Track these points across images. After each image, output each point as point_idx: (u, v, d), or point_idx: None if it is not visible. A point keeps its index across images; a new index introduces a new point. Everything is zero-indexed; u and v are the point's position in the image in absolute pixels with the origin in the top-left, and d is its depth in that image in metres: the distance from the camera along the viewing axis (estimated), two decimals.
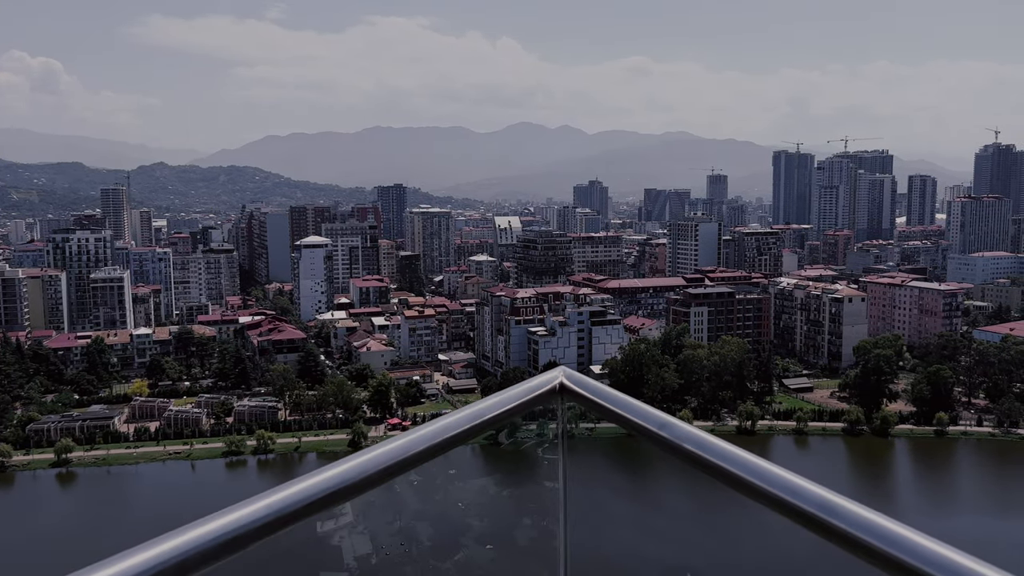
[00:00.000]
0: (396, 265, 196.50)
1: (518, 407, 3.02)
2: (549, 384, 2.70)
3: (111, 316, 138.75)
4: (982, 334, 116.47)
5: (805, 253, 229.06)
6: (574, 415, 2.74)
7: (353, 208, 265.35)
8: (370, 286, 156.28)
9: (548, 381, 2.69)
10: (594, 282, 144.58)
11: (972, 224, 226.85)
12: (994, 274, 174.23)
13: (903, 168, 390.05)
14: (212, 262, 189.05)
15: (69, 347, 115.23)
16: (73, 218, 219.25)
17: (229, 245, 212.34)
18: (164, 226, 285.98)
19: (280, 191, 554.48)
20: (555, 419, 2.70)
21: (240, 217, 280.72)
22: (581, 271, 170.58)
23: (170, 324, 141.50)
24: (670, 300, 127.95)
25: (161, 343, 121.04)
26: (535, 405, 2.95)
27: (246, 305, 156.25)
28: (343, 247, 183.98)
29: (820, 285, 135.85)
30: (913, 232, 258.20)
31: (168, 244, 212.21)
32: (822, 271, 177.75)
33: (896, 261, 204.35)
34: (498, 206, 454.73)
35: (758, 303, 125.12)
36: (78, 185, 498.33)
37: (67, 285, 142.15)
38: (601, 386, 2.89)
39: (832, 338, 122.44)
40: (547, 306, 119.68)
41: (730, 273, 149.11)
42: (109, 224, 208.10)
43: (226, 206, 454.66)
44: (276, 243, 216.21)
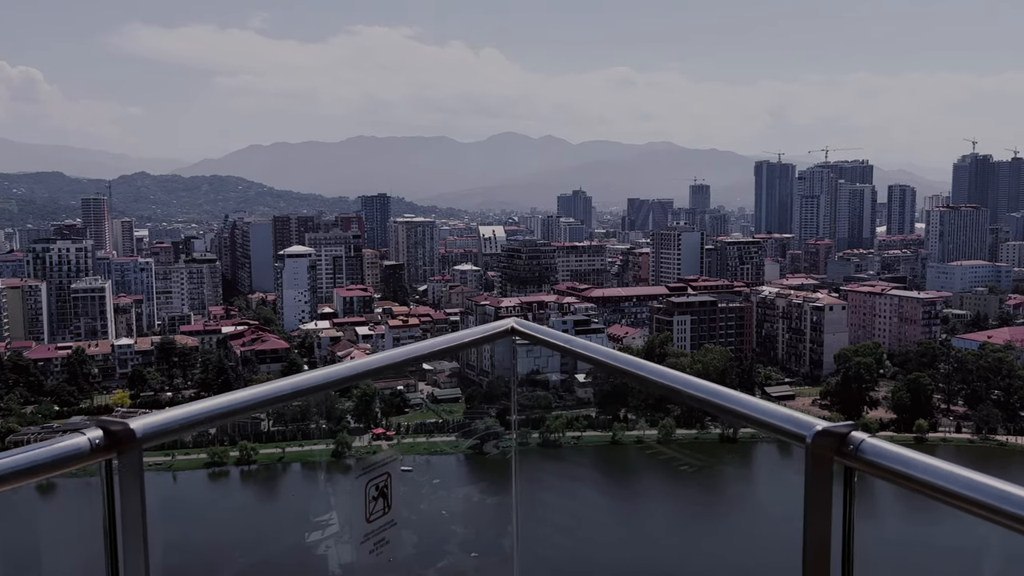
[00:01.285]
0: (380, 275, 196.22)
1: (475, 341, 3.94)
2: (503, 326, 3.55)
3: (92, 326, 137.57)
4: (961, 342, 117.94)
5: (787, 262, 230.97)
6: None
7: (337, 218, 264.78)
8: (354, 296, 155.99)
9: (502, 324, 3.53)
10: (578, 291, 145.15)
11: (950, 233, 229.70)
12: (972, 282, 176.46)
13: (883, 178, 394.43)
14: (194, 272, 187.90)
15: (49, 358, 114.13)
16: (53, 228, 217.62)
17: (212, 255, 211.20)
18: (146, 236, 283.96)
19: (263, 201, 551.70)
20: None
21: (223, 227, 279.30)
22: (565, 280, 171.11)
23: (152, 334, 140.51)
24: (653, 309, 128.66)
25: (143, 353, 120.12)
26: (490, 341, 3.85)
27: (229, 315, 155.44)
28: (327, 257, 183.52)
29: (801, 294, 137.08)
30: (893, 241, 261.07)
31: (150, 254, 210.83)
32: (804, 280, 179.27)
33: (876, 270, 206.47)
34: (482, 216, 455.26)
35: (740, 312, 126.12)
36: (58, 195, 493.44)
37: (47, 295, 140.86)
38: (548, 328, 3.75)
39: (813, 346, 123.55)
40: (531, 315, 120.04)
41: (713, 282, 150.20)
42: (90, 234, 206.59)
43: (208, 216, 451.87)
44: (259, 253, 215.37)
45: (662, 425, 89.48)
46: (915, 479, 2.13)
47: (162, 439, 2.49)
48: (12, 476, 2.15)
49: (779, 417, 2.61)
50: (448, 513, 56.67)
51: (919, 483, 2.12)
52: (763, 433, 2.51)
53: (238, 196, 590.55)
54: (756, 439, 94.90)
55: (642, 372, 3.08)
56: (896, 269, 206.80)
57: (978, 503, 1.98)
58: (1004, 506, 1.92)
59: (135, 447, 2.39)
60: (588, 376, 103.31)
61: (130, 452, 2.39)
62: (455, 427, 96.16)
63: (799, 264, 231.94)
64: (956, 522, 2.59)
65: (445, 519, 53.70)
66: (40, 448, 2.28)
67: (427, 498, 60.80)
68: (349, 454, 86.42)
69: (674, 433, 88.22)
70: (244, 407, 2.77)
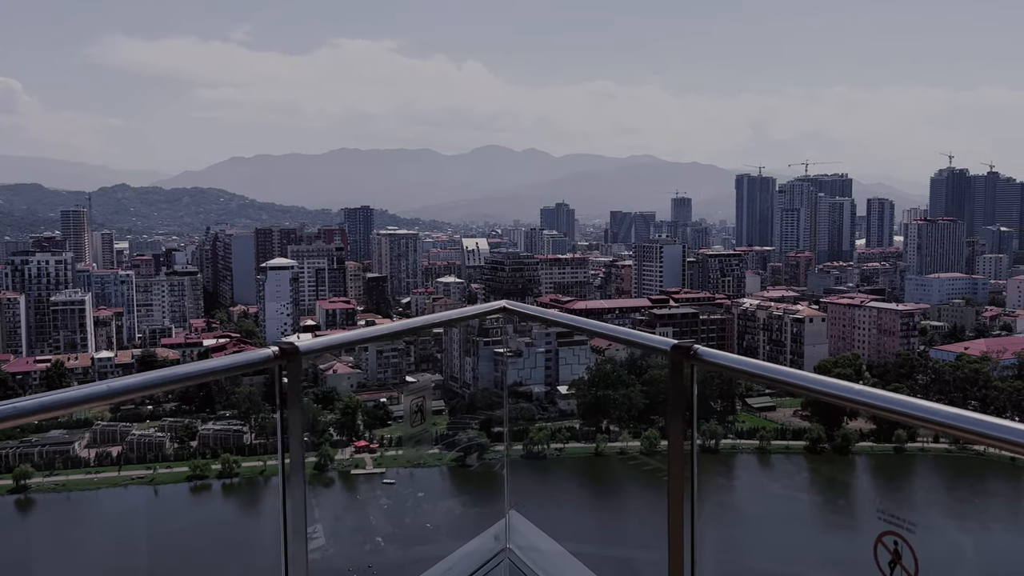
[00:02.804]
0: (363, 287, 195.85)
1: (468, 317, 5.51)
2: (495, 306, 5.01)
3: (71, 340, 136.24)
4: (938, 353, 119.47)
5: (767, 274, 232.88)
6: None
7: (319, 230, 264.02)
8: (336, 308, 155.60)
9: (494, 305, 4.96)
10: (561, 303, 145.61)
11: (928, 246, 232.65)
12: (949, 294, 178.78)
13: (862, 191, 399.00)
14: (175, 284, 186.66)
15: (28, 371, 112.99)
16: (32, 240, 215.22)
17: (193, 267, 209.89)
18: (126, 248, 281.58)
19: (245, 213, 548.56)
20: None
21: (204, 239, 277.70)
22: (548, 292, 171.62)
23: (132, 347, 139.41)
24: (635, 321, 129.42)
25: (123, 367, 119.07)
26: (483, 318, 5.87)
27: (210, 328, 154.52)
28: (309, 269, 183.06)
29: (782, 306, 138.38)
30: (872, 254, 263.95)
31: (131, 266, 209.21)
32: (784, 292, 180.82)
33: (856, 282, 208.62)
34: (466, 228, 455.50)
35: (721, 324, 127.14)
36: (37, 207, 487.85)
37: (26, 308, 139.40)
38: (536, 308, 5.04)
39: (794, 357, 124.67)
40: (513, 327, 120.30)
41: (694, 294, 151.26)
42: (70, 246, 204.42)
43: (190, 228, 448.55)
44: (241, 265, 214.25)
45: (645, 437, 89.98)
46: (732, 368, 3.52)
47: (316, 354, 3.90)
48: (231, 369, 3.79)
49: (651, 340, 4.00)
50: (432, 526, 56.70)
51: (734, 371, 3.51)
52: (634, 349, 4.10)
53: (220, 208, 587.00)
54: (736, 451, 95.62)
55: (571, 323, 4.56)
56: (875, 281, 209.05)
57: (771, 380, 3.26)
58: (792, 380, 3.14)
59: (297, 358, 3.66)
60: (571, 388, 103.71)
61: (294, 361, 3.66)
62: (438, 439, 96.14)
63: (780, 277, 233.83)
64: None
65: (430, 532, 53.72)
66: (243, 354, 3.62)
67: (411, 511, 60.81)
68: (331, 467, 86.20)
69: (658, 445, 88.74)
70: (376, 336, 4.54)
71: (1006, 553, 62.87)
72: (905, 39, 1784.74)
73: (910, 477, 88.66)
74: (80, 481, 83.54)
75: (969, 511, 78.18)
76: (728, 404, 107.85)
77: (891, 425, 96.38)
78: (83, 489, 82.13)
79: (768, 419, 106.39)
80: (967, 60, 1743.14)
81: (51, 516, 76.77)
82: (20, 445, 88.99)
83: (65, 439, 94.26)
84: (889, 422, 37.09)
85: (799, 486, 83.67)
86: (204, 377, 3.60)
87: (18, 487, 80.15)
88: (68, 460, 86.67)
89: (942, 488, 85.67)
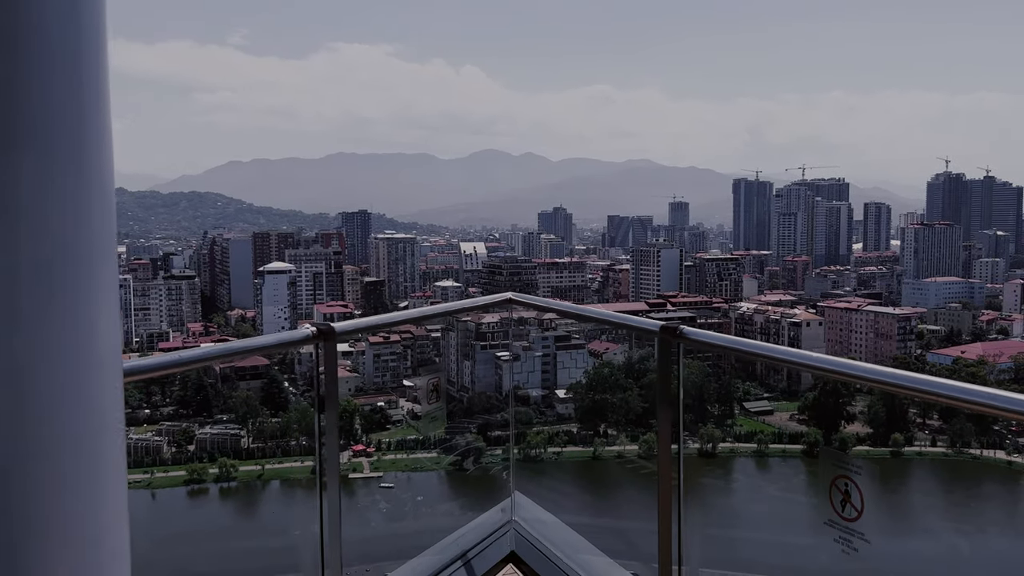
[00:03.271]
0: (361, 291, 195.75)
1: (473, 308, 6.04)
2: (502, 297, 5.38)
3: None
4: (935, 357, 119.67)
5: (765, 278, 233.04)
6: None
7: (317, 234, 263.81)
8: (334, 312, 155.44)
9: (500, 296, 5.48)
10: None
11: (925, 250, 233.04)
12: (946, 298, 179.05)
13: (859, 195, 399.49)
14: (173, 288, 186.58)
15: None
16: None
17: (191, 271, 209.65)
18: (124, 252, 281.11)
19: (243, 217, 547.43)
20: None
21: (202, 243, 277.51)
22: (546, 296, 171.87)
23: (130, 351, 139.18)
24: None
25: None
26: (490, 309, 5.92)
27: (208, 332, 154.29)
28: (307, 273, 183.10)
29: (779, 310, 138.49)
30: (869, 258, 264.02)
31: (128, 270, 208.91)
32: (781, 296, 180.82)
33: (853, 286, 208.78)
34: (463, 232, 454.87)
35: (719, 327, 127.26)
36: None
37: None
38: (540, 298, 5.78)
39: None
40: (511, 331, 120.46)
41: (692, 298, 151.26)
42: None
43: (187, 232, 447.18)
44: (239, 269, 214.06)
45: (643, 440, 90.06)
46: (714, 344, 4.07)
47: (352, 335, 4.39)
48: (273, 347, 4.33)
49: (641, 322, 4.59)
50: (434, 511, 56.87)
51: (717, 347, 4.08)
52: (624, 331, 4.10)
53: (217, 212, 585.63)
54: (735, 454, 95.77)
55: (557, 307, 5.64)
56: (872, 285, 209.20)
57: (750, 355, 4.11)
58: (769, 354, 3.89)
59: (333, 338, 3.94)
60: (568, 391, 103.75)
61: (330, 340, 3.94)
62: (437, 443, 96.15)
63: (777, 280, 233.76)
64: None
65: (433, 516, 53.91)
66: (284, 333, 4.09)
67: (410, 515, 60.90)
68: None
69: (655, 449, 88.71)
70: (404, 320, 5.33)
71: (1002, 555, 63.30)
72: (901, 43, 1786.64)
73: (907, 479, 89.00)
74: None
75: (966, 514, 78.48)
76: (726, 408, 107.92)
77: (888, 431, 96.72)
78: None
79: (766, 423, 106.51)
80: (964, 64, 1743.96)
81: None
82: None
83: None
84: (841, 382, 30.33)
85: (796, 488, 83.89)
86: (250, 353, 3.98)
87: None
88: None
89: (939, 491, 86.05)
